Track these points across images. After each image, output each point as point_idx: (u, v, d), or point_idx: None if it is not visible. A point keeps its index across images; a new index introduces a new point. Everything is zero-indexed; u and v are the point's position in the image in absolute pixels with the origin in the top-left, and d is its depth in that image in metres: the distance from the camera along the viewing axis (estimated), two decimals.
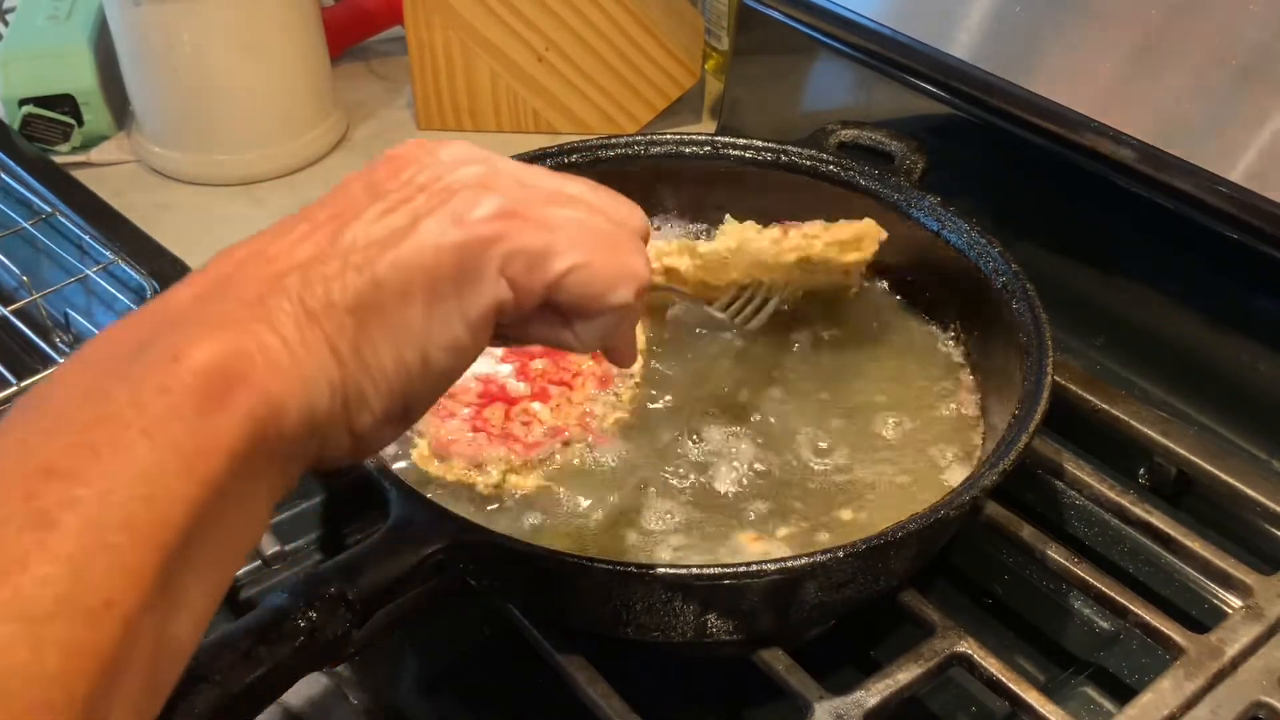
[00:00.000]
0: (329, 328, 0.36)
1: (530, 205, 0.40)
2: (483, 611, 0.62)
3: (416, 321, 0.38)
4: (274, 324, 0.35)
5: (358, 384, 0.37)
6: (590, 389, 0.65)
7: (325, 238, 0.38)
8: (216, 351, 0.34)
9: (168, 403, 0.32)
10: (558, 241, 0.40)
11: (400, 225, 0.38)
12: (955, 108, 0.77)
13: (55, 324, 0.81)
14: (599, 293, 0.41)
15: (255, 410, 0.34)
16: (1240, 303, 0.70)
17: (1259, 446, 0.69)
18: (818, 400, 0.66)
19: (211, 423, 0.33)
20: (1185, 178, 0.66)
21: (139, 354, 0.34)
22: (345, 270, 0.37)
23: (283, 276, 0.37)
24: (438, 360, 0.39)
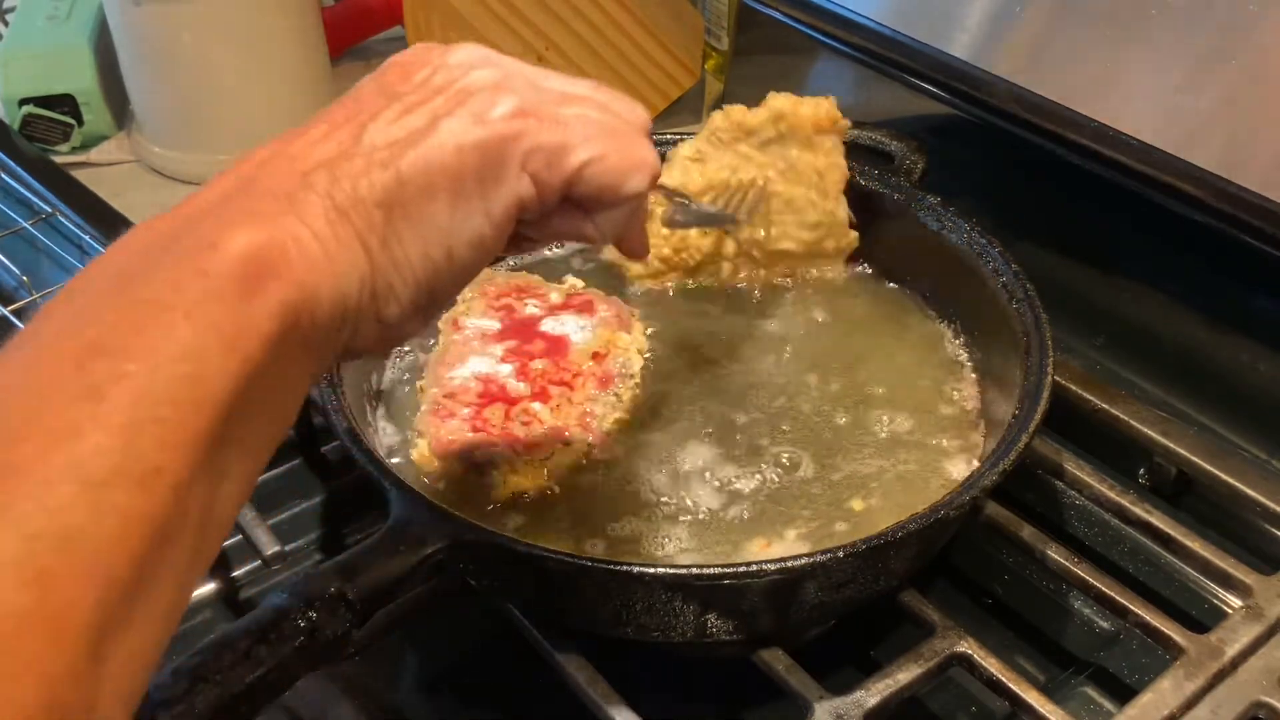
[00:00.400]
0: (358, 223, 0.38)
1: (544, 104, 0.42)
2: (483, 611, 0.62)
3: (441, 217, 0.40)
4: (305, 218, 0.37)
5: (386, 277, 0.39)
6: (590, 389, 0.65)
7: (346, 136, 0.40)
8: (252, 240, 0.35)
9: (207, 286, 0.34)
10: (573, 136, 0.42)
11: (419, 125, 0.40)
12: (955, 108, 0.77)
13: None
14: (616, 182, 0.43)
15: (290, 297, 0.35)
16: (1240, 303, 0.70)
17: (1259, 446, 0.69)
18: (818, 398, 0.66)
19: (249, 307, 0.34)
20: (1185, 178, 0.66)
21: (174, 243, 0.35)
22: (370, 167, 0.39)
23: (309, 174, 0.38)
24: (462, 255, 0.41)
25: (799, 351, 0.70)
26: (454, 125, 0.40)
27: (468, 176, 0.40)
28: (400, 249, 0.39)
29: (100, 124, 1.01)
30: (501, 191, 0.41)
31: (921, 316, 0.72)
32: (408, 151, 0.39)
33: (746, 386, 0.67)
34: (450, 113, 0.40)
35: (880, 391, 0.67)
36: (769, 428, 0.64)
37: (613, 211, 0.45)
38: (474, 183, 0.40)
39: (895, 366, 0.68)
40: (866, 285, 0.74)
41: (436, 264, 0.40)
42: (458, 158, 0.40)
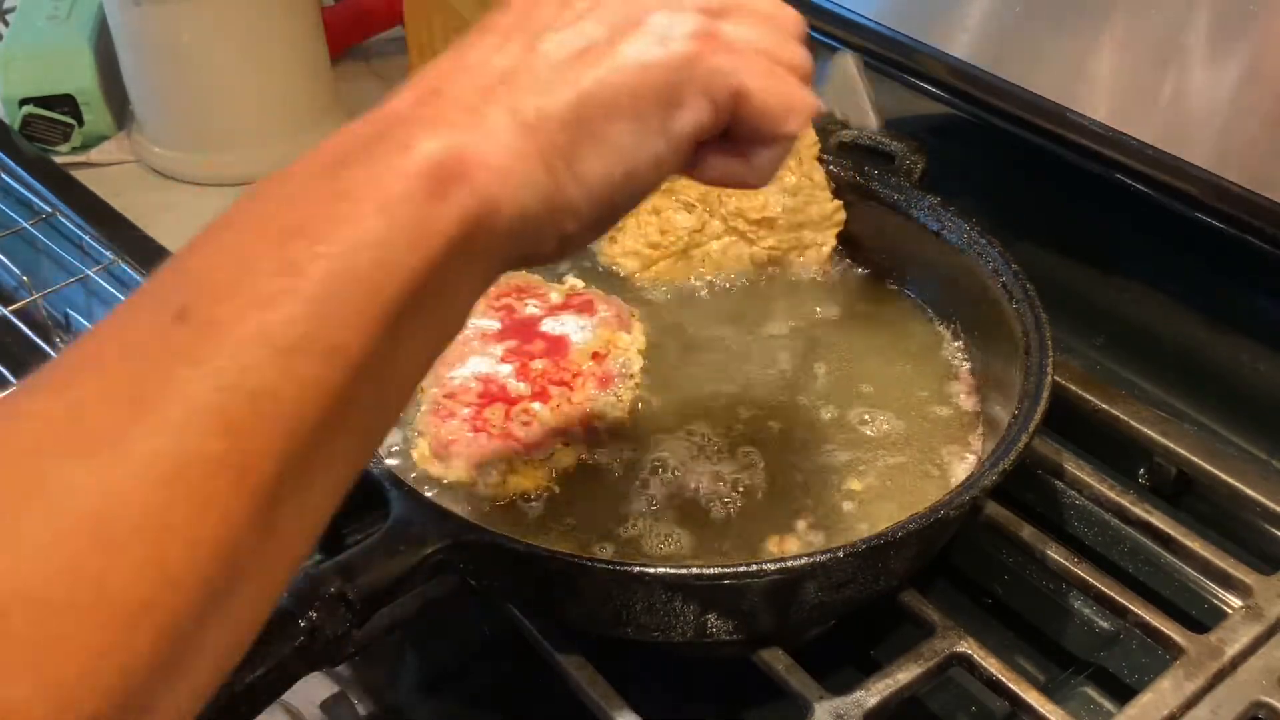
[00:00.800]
0: (541, 140, 0.39)
1: (717, 24, 0.42)
2: (483, 611, 0.62)
3: (624, 137, 0.40)
4: (491, 130, 0.38)
5: (566, 193, 0.40)
6: (590, 389, 0.65)
7: (519, 49, 0.40)
8: (444, 146, 0.37)
9: (401, 186, 0.36)
10: (744, 66, 0.42)
11: (598, 40, 0.40)
12: (955, 108, 0.77)
13: (55, 324, 0.81)
14: (779, 118, 0.43)
15: (473, 205, 0.37)
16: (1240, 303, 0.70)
17: (1259, 446, 0.69)
18: (817, 396, 0.66)
19: (435, 209, 0.36)
20: (1185, 178, 0.66)
21: (373, 143, 0.37)
22: (552, 84, 0.39)
23: (491, 89, 0.39)
24: (642, 175, 0.41)
25: (799, 351, 0.70)
26: (636, 44, 0.40)
27: (649, 98, 0.40)
28: (582, 166, 0.40)
29: (100, 124, 1.01)
30: (682, 114, 0.41)
31: (921, 317, 0.72)
32: (589, 70, 0.40)
33: (747, 385, 0.67)
34: (629, 30, 0.40)
35: (880, 391, 0.67)
36: (770, 425, 0.64)
37: (768, 150, 0.44)
38: (654, 104, 0.40)
39: (895, 366, 0.68)
40: (866, 285, 0.74)
41: (615, 182, 0.41)
42: (640, 77, 0.40)
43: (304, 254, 0.34)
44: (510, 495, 0.60)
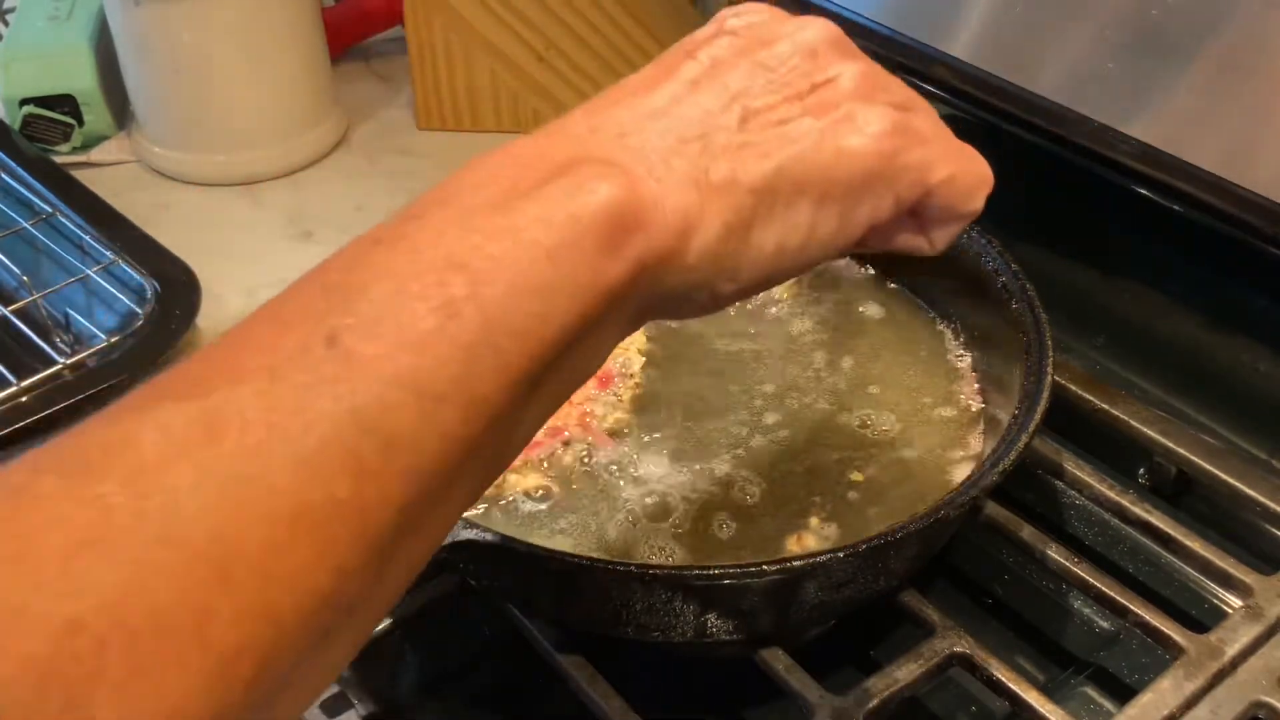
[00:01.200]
0: (726, 202, 0.38)
1: (907, 117, 0.42)
2: (483, 611, 0.62)
3: (803, 215, 0.40)
4: (678, 184, 0.37)
5: (735, 258, 0.39)
6: (590, 389, 0.65)
7: (714, 105, 0.39)
8: (627, 195, 0.35)
9: (575, 232, 0.34)
10: (933, 153, 0.42)
11: (794, 114, 0.40)
12: (955, 108, 0.77)
13: (55, 324, 0.81)
14: (963, 200, 0.43)
15: (644, 261, 0.36)
16: (1240, 303, 0.70)
17: (1259, 446, 0.69)
18: (817, 395, 0.66)
19: (606, 261, 0.35)
20: (1185, 178, 0.66)
21: (553, 176, 0.35)
22: (748, 151, 0.38)
23: (686, 142, 0.38)
24: (811, 252, 0.41)
25: (798, 350, 0.70)
26: (836, 129, 0.40)
27: (841, 184, 0.40)
28: (759, 235, 0.39)
29: (100, 124, 1.01)
30: (865, 204, 0.41)
31: (921, 317, 0.72)
32: (788, 145, 0.39)
33: (748, 384, 0.67)
34: (826, 111, 0.40)
35: (879, 391, 0.67)
36: (771, 424, 0.64)
37: (950, 226, 0.45)
38: (844, 191, 0.40)
39: (895, 366, 0.68)
40: (866, 285, 0.74)
41: (785, 255, 0.40)
42: (836, 162, 0.39)
43: (463, 292, 0.32)
44: (510, 495, 0.60)
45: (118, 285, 0.81)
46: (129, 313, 0.79)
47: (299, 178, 0.99)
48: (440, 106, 1.03)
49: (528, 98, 1.02)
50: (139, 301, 0.79)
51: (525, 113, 1.02)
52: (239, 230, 0.93)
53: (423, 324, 0.32)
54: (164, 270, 0.81)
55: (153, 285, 0.79)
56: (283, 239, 0.92)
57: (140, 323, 0.77)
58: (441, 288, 0.32)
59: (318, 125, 1.01)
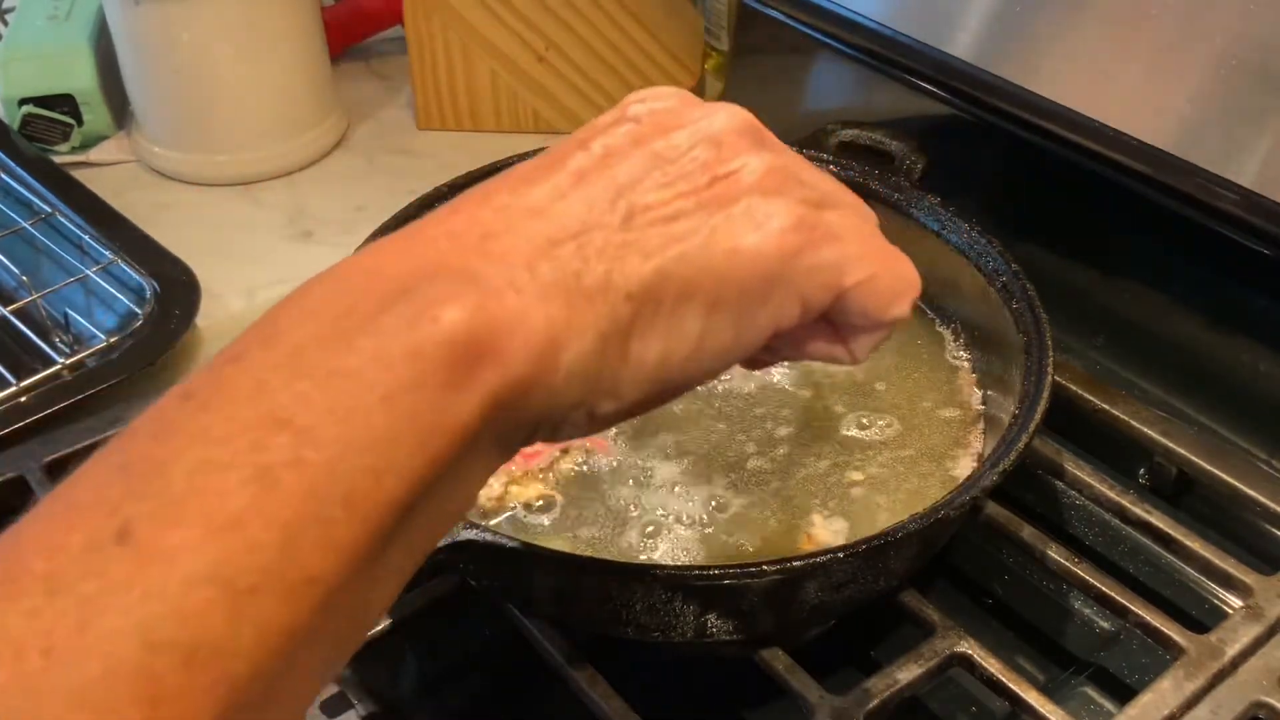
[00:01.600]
0: (601, 311, 0.34)
1: (818, 212, 0.37)
2: (483, 611, 0.62)
3: (692, 324, 0.35)
4: (543, 295, 0.33)
5: (614, 374, 0.35)
6: None
7: (600, 197, 0.35)
8: (477, 317, 0.31)
9: (416, 370, 0.30)
10: (848, 252, 0.38)
11: (688, 209, 0.35)
12: (955, 108, 0.77)
13: (55, 324, 0.81)
14: (883, 305, 0.39)
15: (501, 391, 0.31)
16: (1240, 303, 0.70)
17: (1259, 446, 0.69)
18: (816, 393, 0.66)
19: (454, 397, 0.31)
20: (1186, 178, 0.66)
21: (394, 299, 0.31)
22: (628, 252, 0.34)
23: (557, 244, 0.34)
24: (702, 364, 0.37)
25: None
26: (731, 226, 0.35)
27: (733, 287, 0.36)
28: (639, 347, 0.35)
29: (100, 124, 1.01)
30: (765, 310, 0.36)
31: (921, 317, 0.72)
32: (674, 244, 0.35)
33: (745, 383, 0.67)
34: (723, 207, 0.36)
35: (879, 390, 0.67)
36: (771, 424, 0.64)
37: (871, 335, 0.41)
38: (737, 295, 0.36)
39: (894, 366, 0.68)
40: None
41: (671, 369, 0.36)
42: (729, 263, 0.35)
43: (283, 458, 0.28)
44: (512, 504, 0.60)
45: (117, 285, 0.81)
46: (128, 313, 0.79)
47: (299, 178, 0.99)
48: (440, 106, 1.03)
49: (528, 98, 1.02)
50: (138, 301, 0.79)
51: (525, 113, 1.02)
52: (239, 230, 0.93)
53: (232, 501, 0.27)
54: (163, 270, 0.81)
55: (152, 285, 0.79)
56: (282, 239, 0.92)
57: (140, 323, 0.77)
58: (257, 453, 0.28)
59: (317, 125, 1.01)
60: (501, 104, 1.02)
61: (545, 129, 1.03)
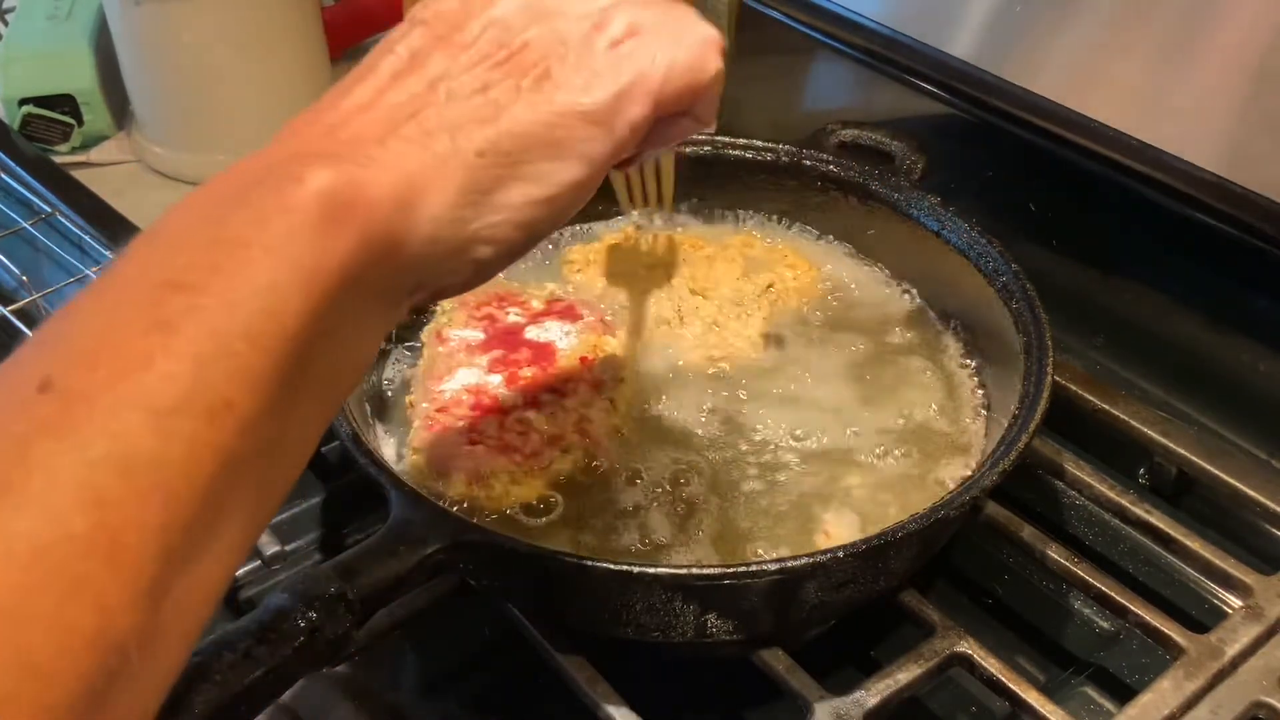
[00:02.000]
0: (456, 166, 0.38)
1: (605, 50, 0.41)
2: (483, 612, 0.62)
3: (542, 166, 0.40)
4: (397, 160, 0.37)
5: (483, 219, 0.39)
6: (583, 394, 0.64)
7: (420, 88, 0.39)
8: (337, 175, 0.35)
9: (289, 222, 0.34)
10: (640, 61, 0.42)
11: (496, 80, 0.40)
12: (955, 108, 0.77)
13: None
14: (695, 78, 0.43)
15: (372, 235, 0.35)
16: (1240, 303, 0.70)
17: (1259, 446, 0.69)
18: (815, 393, 0.66)
19: (330, 242, 0.34)
20: (1185, 178, 0.66)
21: (259, 181, 0.35)
22: (464, 121, 0.39)
23: (397, 125, 0.38)
24: (564, 197, 0.41)
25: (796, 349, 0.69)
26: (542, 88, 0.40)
27: (562, 132, 0.40)
28: (500, 193, 0.39)
29: (100, 124, 1.01)
30: (600, 139, 0.41)
31: (921, 317, 0.72)
32: (501, 112, 0.39)
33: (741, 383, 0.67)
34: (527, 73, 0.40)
35: (879, 391, 0.66)
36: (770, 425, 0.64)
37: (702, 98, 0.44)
38: (567, 136, 0.40)
39: (895, 366, 0.68)
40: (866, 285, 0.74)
41: (538, 206, 0.40)
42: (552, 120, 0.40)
43: (181, 308, 0.31)
44: (511, 505, 0.60)
45: None
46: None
47: None
48: None
49: None
50: None
51: None
52: None
53: (140, 345, 0.31)
54: None
55: None
56: None
57: None
58: (155, 309, 0.31)
59: None
60: None
61: None
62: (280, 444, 0.34)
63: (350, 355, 0.37)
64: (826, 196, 0.74)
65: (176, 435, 0.30)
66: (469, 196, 0.38)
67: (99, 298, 0.33)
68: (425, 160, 0.38)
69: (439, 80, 0.40)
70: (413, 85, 0.40)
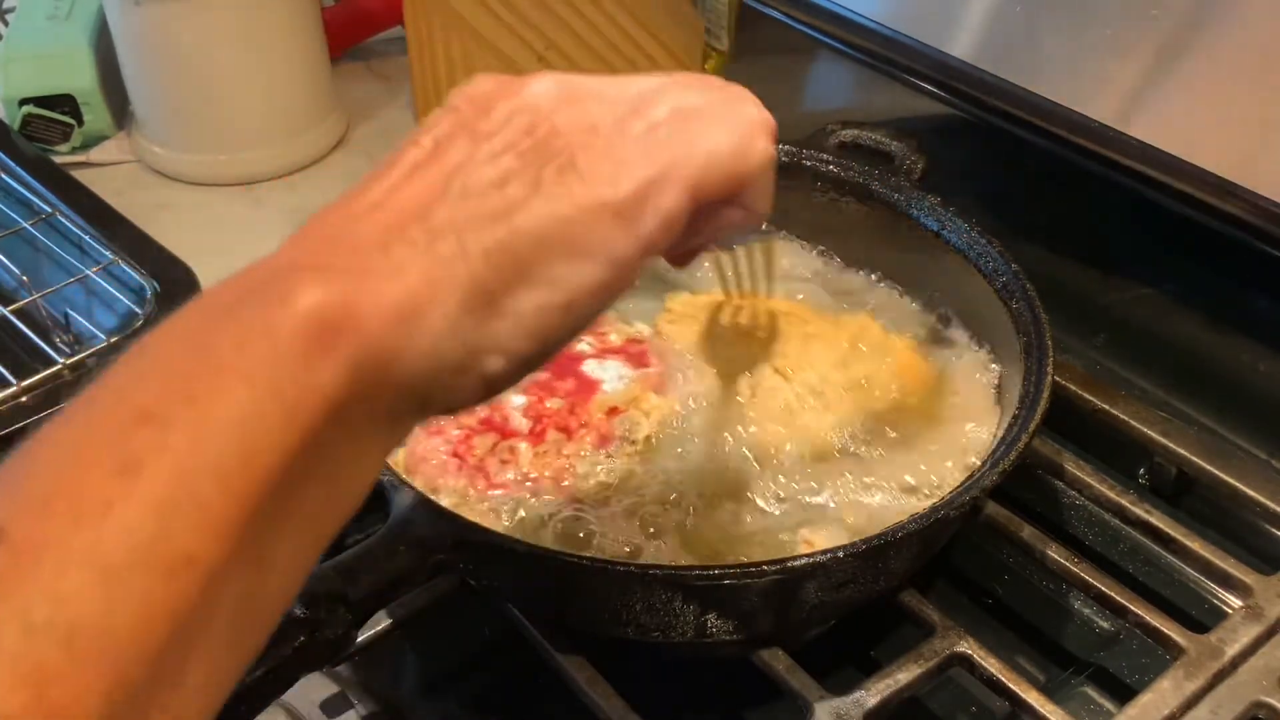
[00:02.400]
0: (461, 274, 0.35)
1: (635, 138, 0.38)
2: (483, 612, 0.62)
3: (559, 269, 0.36)
4: (396, 268, 0.34)
5: (490, 332, 0.35)
6: (586, 444, 0.61)
7: (434, 183, 0.36)
8: (330, 294, 0.32)
9: (272, 346, 0.31)
10: (677, 151, 0.38)
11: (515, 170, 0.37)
12: (955, 108, 0.77)
13: (55, 324, 0.81)
14: (738, 165, 0.39)
15: (362, 358, 0.32)
16: (1240, 303, 0.70)
17: (1259, 446, 0.69)
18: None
19: (315, 369, 0.31)
20: (1186, 178, 0.66)
21: (245, 300, 0.32)
22: (474, 220, 0.35)
23: (403, 228, 0.35)
24: (582, 304, 0.37)
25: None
26: (565, 180, 0.37)
27: (580, 230, 0.36)
28: (511, 302, 0.36)
29: (100, 124, 1.01)
30: (625, 240, 0.37)
31: (921, 317, 0.72)
32: (516, 207, 0.36)
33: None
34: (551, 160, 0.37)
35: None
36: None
37: (753, 187, 0.41)
38: (587, 236, 0.37)
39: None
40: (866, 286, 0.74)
41: (552, 313, 0.36)
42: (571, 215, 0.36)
43: (149, 444, 0.29)
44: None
45: (117, 285, 0.81)
46: (128, 313, 0.79)
47: (299, 177, 0.99)
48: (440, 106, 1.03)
49: None
50: (138, 301, 0.79)
51: None
52: (238, 230, 0.93)
53: (100, 489, 0.28)
54: (163, 270, 0.81)
55: (152, 285, 0.79)
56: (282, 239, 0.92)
57: (140, 323, 0.77)
58: (120, 445, 0.29)
59: (318, 125, 1.01)
60: None
61: None
62: (257, 590, 0.31)
63: (343, 488, 0.34)
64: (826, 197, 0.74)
65: (127, 596, 0.28)
66: (474, 304, 0.35)
67: (69, 427, 0.30)
68: (428, 266, 0.34)
69: (456, 172, 0.37)
70: (429, 178, 0.36)
